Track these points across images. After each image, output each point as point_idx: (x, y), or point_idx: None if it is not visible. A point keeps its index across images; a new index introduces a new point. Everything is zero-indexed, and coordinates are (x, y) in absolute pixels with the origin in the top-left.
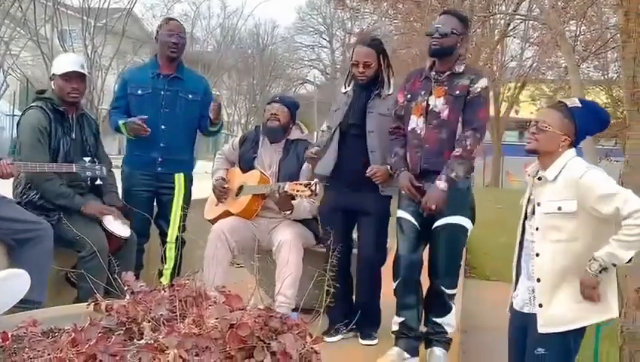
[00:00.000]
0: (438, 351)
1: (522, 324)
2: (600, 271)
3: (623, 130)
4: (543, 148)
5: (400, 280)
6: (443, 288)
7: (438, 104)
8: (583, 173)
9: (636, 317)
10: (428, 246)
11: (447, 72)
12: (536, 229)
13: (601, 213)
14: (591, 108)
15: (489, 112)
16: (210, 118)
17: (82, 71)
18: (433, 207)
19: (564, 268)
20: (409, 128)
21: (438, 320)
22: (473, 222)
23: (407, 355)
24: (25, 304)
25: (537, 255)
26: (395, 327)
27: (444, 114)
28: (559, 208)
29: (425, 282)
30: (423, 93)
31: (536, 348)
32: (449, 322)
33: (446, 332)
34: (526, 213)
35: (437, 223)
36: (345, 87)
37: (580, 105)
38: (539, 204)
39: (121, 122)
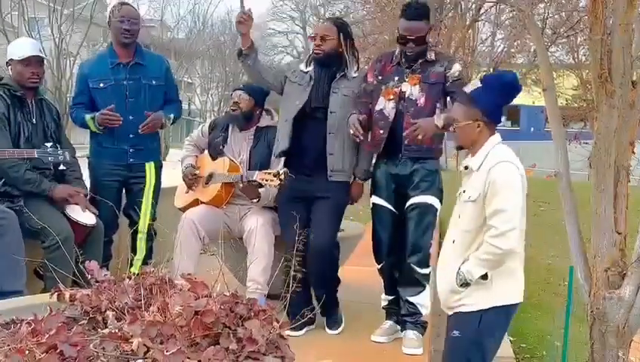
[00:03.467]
0: (412, 334)
1: None
2: (461, 285)
3: (591, 112)
4: (464, 142)
5: (384, 263)
6: (413, 266)
7: (415, 92)
8: (494, 164)
9: (605, 297)
10: None
11: (420, 60)
12: (459, 217)
13: (485, 209)
14: (488, 81)
15: None
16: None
17: (41, 55)
18: (420, 136)
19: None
20: (377, 108)
21: (411, 299)
22: (441, 202)
23: (399, 327)
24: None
25: (454, 242)
26: (385, 303)
27: (421, 101)
28: (469, 196)
29: None
30: (396, 78)
31: (452, 330)
32: (423, 302)
33: (420, 314)
34: None
35: (408, 203)
36: (306, 67)
37: (479, 85)
38: (464, 191)
39: (88, 116)
